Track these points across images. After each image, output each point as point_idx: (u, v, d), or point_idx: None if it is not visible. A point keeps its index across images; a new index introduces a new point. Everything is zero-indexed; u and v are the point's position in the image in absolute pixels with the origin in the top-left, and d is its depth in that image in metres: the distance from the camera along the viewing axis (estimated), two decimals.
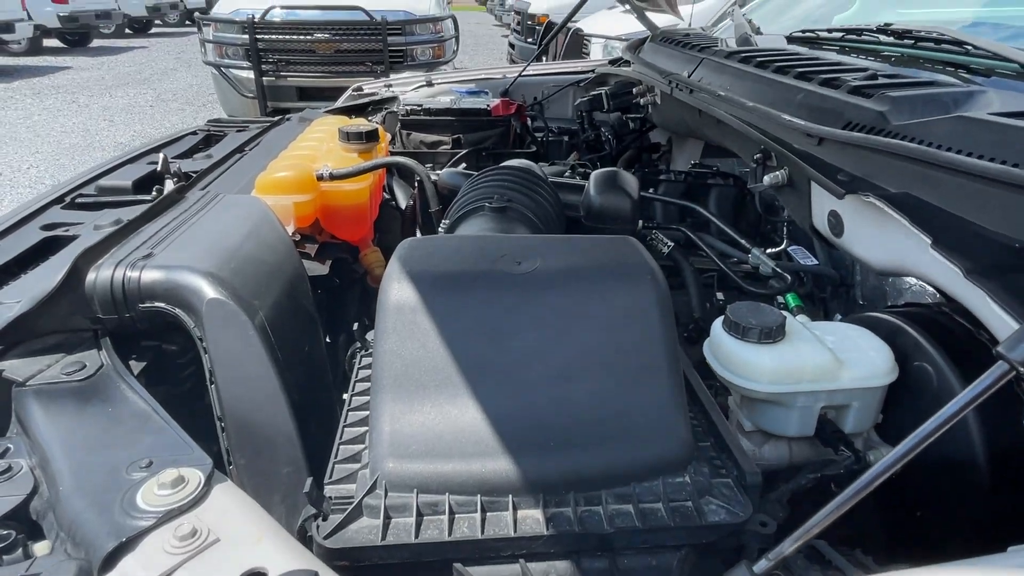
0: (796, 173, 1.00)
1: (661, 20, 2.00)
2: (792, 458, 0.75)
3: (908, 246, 0.76)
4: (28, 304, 0.66)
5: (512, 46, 9.10)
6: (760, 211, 1.21)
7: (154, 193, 1.28)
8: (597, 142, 1.94)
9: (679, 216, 1.42)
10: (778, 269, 1.08)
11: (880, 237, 0.82)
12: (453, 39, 6.02)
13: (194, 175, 1.33)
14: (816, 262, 1.25)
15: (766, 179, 1.03)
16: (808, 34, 1.31)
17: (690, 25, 2.33)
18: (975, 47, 0.94)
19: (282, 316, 0.75)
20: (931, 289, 1.03)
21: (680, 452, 0.56)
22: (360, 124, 1.26)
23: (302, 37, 5.41)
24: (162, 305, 0.68)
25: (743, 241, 1.17)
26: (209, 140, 1.72)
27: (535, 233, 0.91)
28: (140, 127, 7.28)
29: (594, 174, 1.07)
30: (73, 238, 1.03)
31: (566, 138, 2.04)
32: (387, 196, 1.63)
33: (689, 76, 1.30)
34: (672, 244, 1.22)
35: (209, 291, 0.68)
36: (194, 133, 1.74)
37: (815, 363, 0.71)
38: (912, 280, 1.12)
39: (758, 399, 0.74)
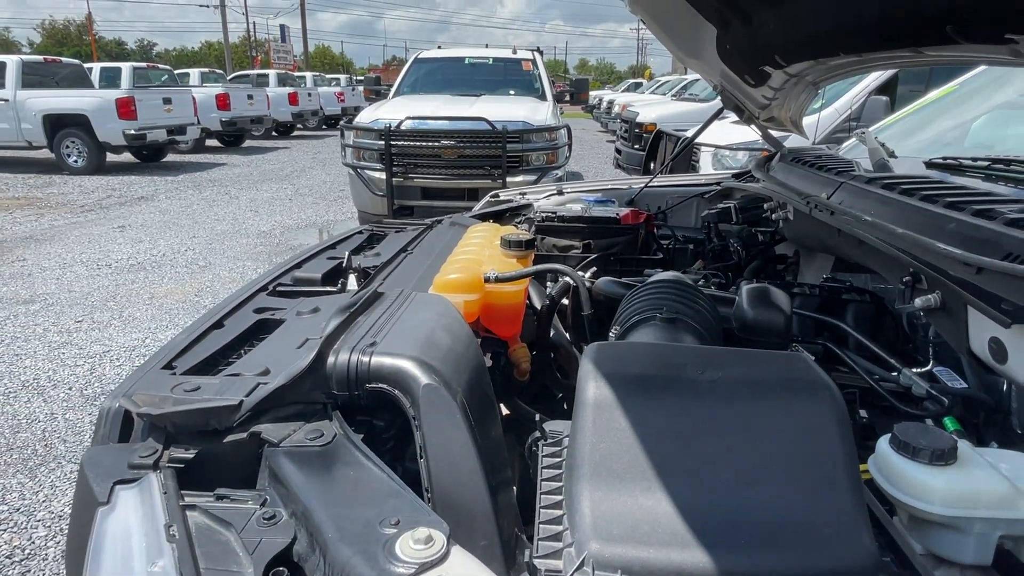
0: (950, 298, 1.03)
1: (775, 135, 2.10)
2: None
3: None
4: (284, 379, 0.81)
5: (619, 151, 9.51)
6: (906, 331, 1.22)
7: (340, 284, 1.48)
8: (724, 252, 2.01)
9: (815, 330, 1.44)
10: (932, 391, 1.08)
11: None
12: (566, 147, 6.40)
13: (371, 271, 1.53)
14: (965, 385, 1.22)
15: (918, 302, 1.06)
16: (950, 160, 1.35)
17: (814, 142, 2.41)
18: None
19: (472, 400, 0.86)
20: None
21: (866, 563, 0.60)
22: (519, 233, 1.42)
23: (430, 144, 5.98)
24: (385, 386, 0.81)
25: (891, 360, 1.18)
26: (373, 239, 1.96)
27: (702, 343, 0.99)
28: (280, 218, 8.13)
29: (746, 288, 1.14)
30: (280, 321, 1.22)
31: (691, 247, 2.12)
32: None
33: (828, 198, 1.37)
34: (813, 358, 1.25)
35: (424, 377, 0.80)
36: (360, 232, 1.98)
37: (992, 489, 0.72)
38: None
39: (931, 521, 0.75)
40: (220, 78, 19.29)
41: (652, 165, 6.92)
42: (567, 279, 1.39)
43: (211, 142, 15.57)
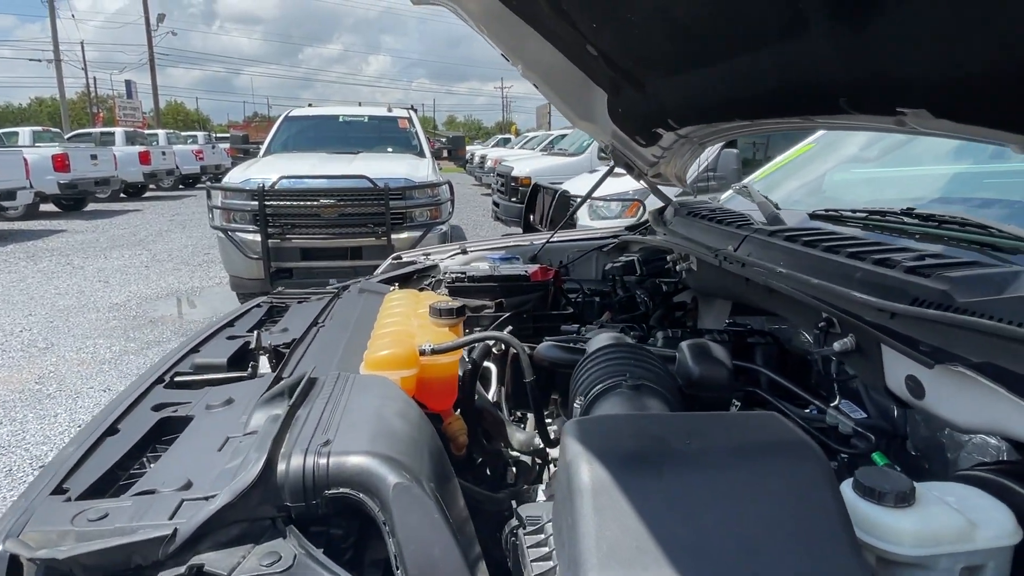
0: (864, 341, 1.12)
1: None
2: None
3: (1009, 413, 0.85)
4: (229, 496, 0.69)
5: (497, 204, 9.75)
6: (822, 371, 1.31)
7: (250, 369, 1.34)
8: (630, 303, 2.08)
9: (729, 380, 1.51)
10: (858, 428, 1.16)
11: (971, 402, 0.91)
12: (448, 202, 6.45)
13: (283, 350, 1.40)
14: (864, 415, 1.33)
15: (836, 345, 1.15)
16: (831, 212, 1.51)
17: (696, 195, 2.60)
18: (999, 230, 1.10)
19: (440, 488, 0.79)
20: (993, 441, 1.12)
21: None
22: (447, 301, 1.37)
23: (308, 203, 5.77)
24: (348, 491, 0.72)
25: (815, 401, 1.26)
26: (273, 312, 1.81)
27: (668, 407, 0.99)
28: (136, 287, 7.41)
29: (686, 345, 1.17)
30: (187, 419, 1.07)
31: (597, 299, 2.18)
32: None
33: (735, 250, 1.47)
34: (739, 405, 1.31)
35: (392, 476, 0.72)
36: (258, 306, 1.83)
37: (951, 524, 0.77)
38: (968, 435, 1.21)
39: (899, 562, 0.78)
40: (56, 137, 17.56)
41: (532, 217, 7.15)
42: (470, 336, 1.35)
43: (47, 207, 14.01)
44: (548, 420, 1.62)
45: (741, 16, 1.05)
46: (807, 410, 1.37)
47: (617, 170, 2.25)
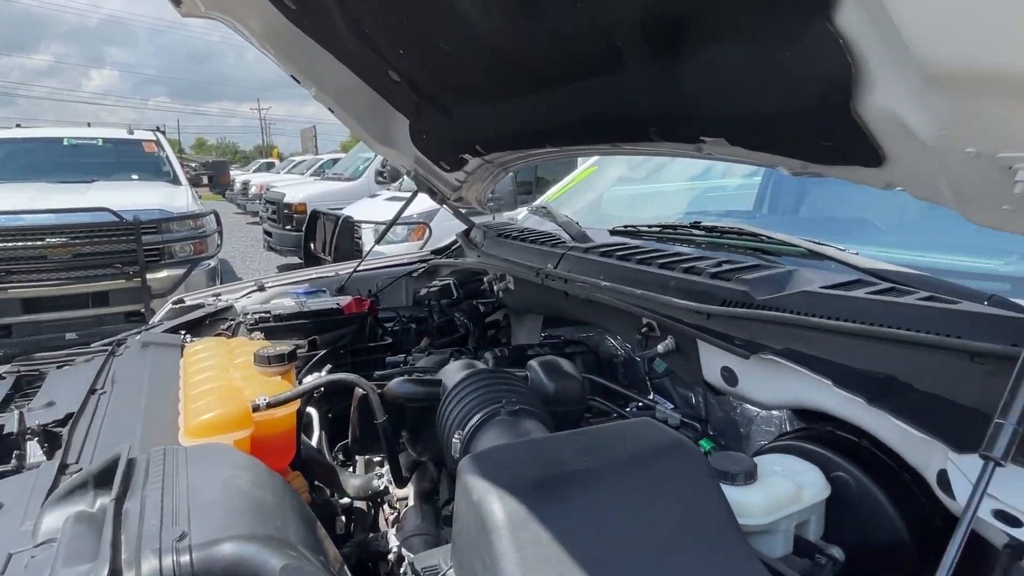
0: (683, 341, 1.26)
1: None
2: None
3: (803, 387, 1.02)
4: None
5: (269, 234, 9.08)
6: (646, 372, 1.45)
7: (14, 459, 1.06)
8: (448, 326, 2.08)
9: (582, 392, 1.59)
10: (685, 419, 1.30)
11: (777, 383, 1.08)
12: (216, 234, 5.84)
13: (57, 430, 1.13)
14: (673, 406, 1.51)
15: (660, 347, 1.28)
16: (630, 228, 1.68)
17: (493, 216, 2.71)
18: (768, 237, 1.33)
19: (318, 552, 0.70)
20: (777, 413, 1.34)
21: None
22: (275, 346, 1.23)
23: (31, 243, 4.77)
24: None
25: (644, 400, 1.38)
26: (22, 384, 1.46)
27: (547, 428, 0.99)
28: None
29: (537, 363, 1.20)
30: None
31: (414, 326, 2.15)
32: None
33: (556, 267, 1.56)
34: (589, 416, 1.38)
35: (277, 558, 0.62)
36: (2, 378, 1.45)
37: (786, 491, 0.90)
38: (754, 411, 1.43)
39: (752, 532, 0.89)
40: None
41: (312, 245, 6.80)
42: (310, 382, 1.24)
43: None
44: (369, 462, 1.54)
45: (560, 50, 1.13)
46: (628, 408, 1.51)
47: (397, 194, 2.25)
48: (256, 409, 1.04)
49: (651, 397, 1.52)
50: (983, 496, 0.61)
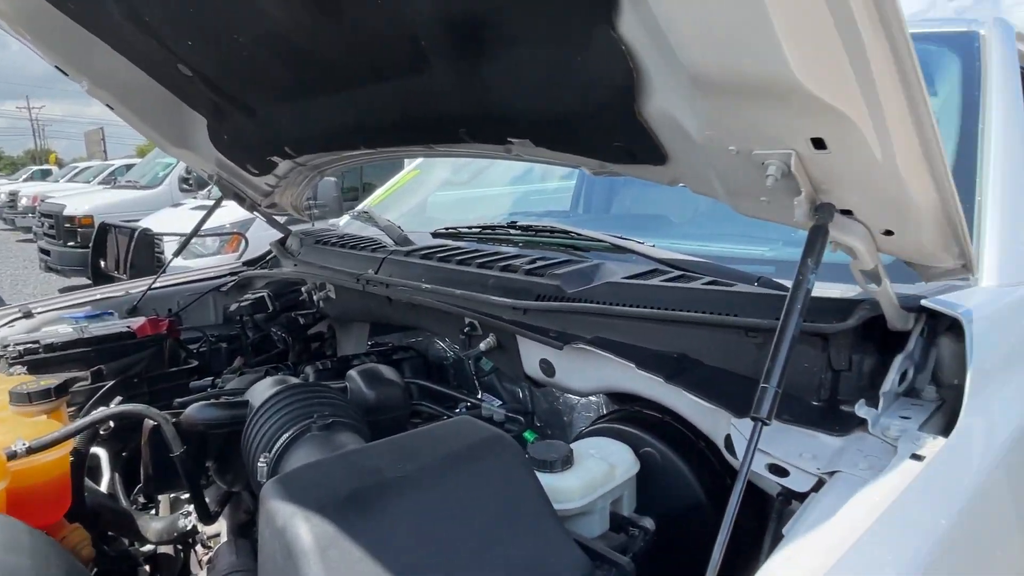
0: (503, 337, 1.29)
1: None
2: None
3: (612, 372, 1.09)
4: None
5: (46, 252, 7.82)
6: (473, 371, 1.46)
7: None
8: (265, 342, 1.94)
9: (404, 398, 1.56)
10: (509, 415, 1.33)
11: (589, 370, 1.14)
12: None
13: None
14: (502, 402, 1.55)
15: (482, 345, 1.29)
16: (451, 230, 1.69)
17: (313, 223, 2.59)
18: (577, 234, 1.41)
19: None
20: (595, 399, 1.43)
21: (584, 571, 0.71)
22: (37, 381, 1.03)
23: None
24: None
25: (470, 399, 1.39)
26: None
27: (365, 439, 0.93)
28: None
29: (356, 372, 1.14)
30: None
31: (225, 345, 1.97)
32: None
33: (377, 273, 1.51)
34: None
35: None
36: None
37: (600, 471, 0.95)
38: (575, 398, 1.51)
39: (571, 515, 0.92)
40: None
41: (103, 263, 5.99)
42: (82, 420, 1.08)
43: None
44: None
45: (363, 49, 1.09)
46: (458, 409, 1.51)
47: (205, 202, 2.07)
48: (12, 457, 0.88)
49: (479, 396, 1.54)
50: (754, 453, 0.69)
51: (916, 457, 0.77)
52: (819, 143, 0.73)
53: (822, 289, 1.09)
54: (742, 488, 0.66)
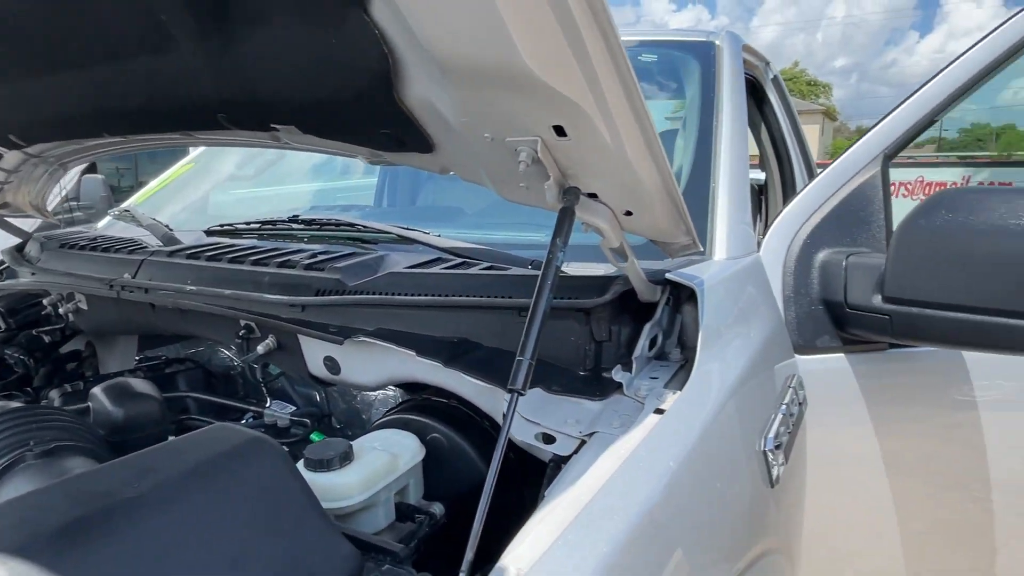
0: (284, 337, 1.22)
1: None
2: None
3: (395, 362, 1.08)
4: None
5: None
6: (251, 380, 1.36)
7: None
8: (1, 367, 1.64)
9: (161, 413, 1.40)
10: (294, 419, 1.26)
11: (374, 363, 1.12)
12: None
13: None
14: (296, 407, 1.48)
15: (260, 348, 1.21)
16: (227, 227, 1.55)
17: (63, 227, 2.24)
18: (364, 226, 1.38)
19: None
20: (392, 393, 1.42)
21: (353, 565, 0.69)
22: None
23: None
24: None
25: (251, 408, 1.29)
26: None
27: (101, 461, 0.80)
28: None
29: (99, 390, 0.98)
30: None
31: None
32: None
33: (134, 277, 1.34)
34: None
35: None
36: None
37: (382, 464, 0.93)
38: (372, 395, 1.49)
39: (354, 512, 0.90)
40: None
41: None
42: None
43: None
44: None
45: (92, 23, 0.96)
46: (243, 420, 1.40)
47: None
48: None
49: (268, 404, 1.44)
50: (511, 423, 0.73)
51: (659, 411, 0.87)
52: (560, 131, 0.79)
53: (588, 269, 1.19)
54: (500, 457, 0.69)
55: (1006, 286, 1.02)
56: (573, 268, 1.22)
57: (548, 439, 0.92)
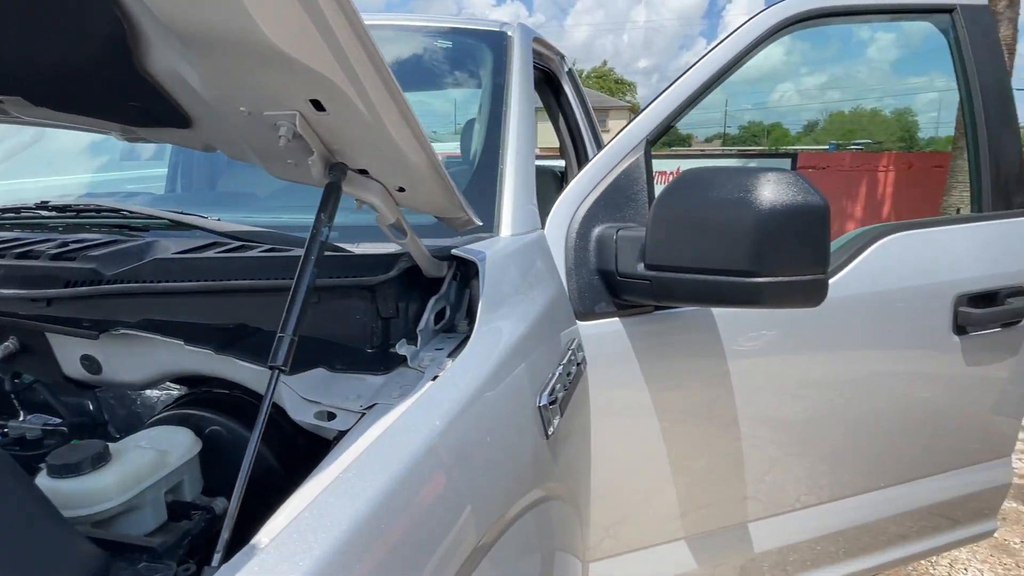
0: (28, 338, 1.07)
1: None
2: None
3: (164, 354, 1.01)
4: None
5: None
6: (8, 389, 1.18)
7: None
8: None
9: None
10: (45, 428, 1.11)
11: (140, 358, 1.03)
12: None
13: None
14: (60, 420, 1.32)
15: None
16: None
17: None
18: (129, 211, 1.26)
19: None
20: (177, 392, 1.32)
21: (97, 564, 0.64)
22: None
23: None
24: None
25: None
26: None
27: None
28: None
29: None
30: None
31: None
32: None
33: None
34: None
35: None
36: None
37: (146, 461, 0.87)
38: (155, 393, 1.37)
39: (114, 515, 0.83)
40: None
41: None
42: None
43: None
44: None
45: None
46: None
47: None
48: None
49: (22, 418, 1.27)
50: (271, 400, 0.72)
51: (435, 378, 0.91)
52: (319, 105, 0.78)
53: (378, 248, 1.19)
54: (259, 436, 0.68)
55: (730, 249, 1.20)
56: (364, 247, 1.22)
57: (330, 416, 0.91)
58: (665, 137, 1.73)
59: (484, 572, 0.77)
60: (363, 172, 0.92)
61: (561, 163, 3.25)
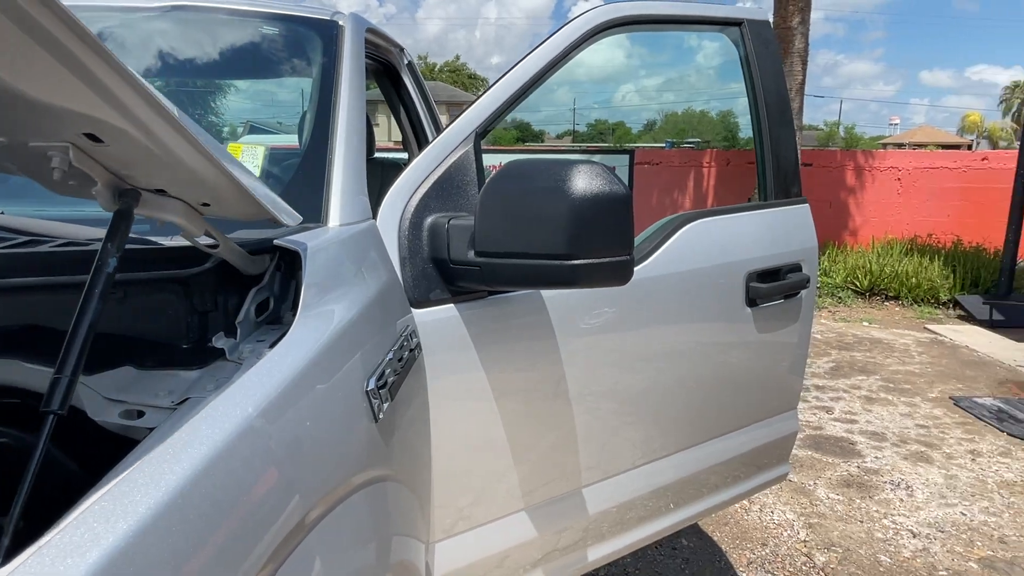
0: None
1: None
2: None
3: None
4: None
5: None
6: None
7: None
8: None
9: None
10: None
11: None
12: None
13: None
14: None
15: None
16: None
17: None
18: None
19: None
20: None
21: None
22: None
23: None
24: None
25: None
26: None
27: None
28: None
29: None
30: None
31: None
32: None
33: None
34: None
35: None
36: None
37: None
38: None
39: None
40: None
41: None
42: None
43: None
44: None
45: None
46: None
47: None
48: None
49: None
50: (44, 448, 0.67)
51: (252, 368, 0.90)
52: (95, 137, 0.71)
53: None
54: (35, 467, 0.65)
55: (549, 235, 1.30)
56: (178, 240, 1.16)
57: (139, 415, 0.88)
58: (518, 133, 1.81)
59: (309, 549, 0.79)
60: (161, 192, 0.86)
61: (405, 155, 3.25)
